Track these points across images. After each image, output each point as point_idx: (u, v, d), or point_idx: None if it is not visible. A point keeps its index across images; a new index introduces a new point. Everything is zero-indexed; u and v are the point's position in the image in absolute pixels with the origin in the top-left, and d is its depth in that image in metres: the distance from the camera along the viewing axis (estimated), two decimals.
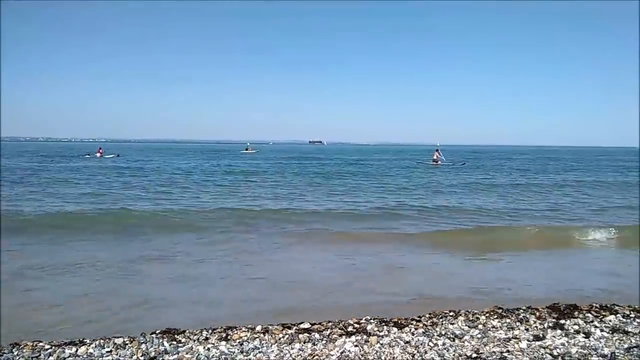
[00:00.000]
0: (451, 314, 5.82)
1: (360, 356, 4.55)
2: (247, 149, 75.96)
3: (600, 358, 4.48)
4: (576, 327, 5.29)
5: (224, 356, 4.57)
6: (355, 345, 4.76)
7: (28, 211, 13.80)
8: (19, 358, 4.49)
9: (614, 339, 4.97)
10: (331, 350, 4.67)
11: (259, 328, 5.28)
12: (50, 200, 16.94)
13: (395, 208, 16.01)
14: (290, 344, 4.84)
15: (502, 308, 6.01)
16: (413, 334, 5.08)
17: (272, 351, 4.67)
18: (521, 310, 5.91)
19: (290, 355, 4.59)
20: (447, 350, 4.67)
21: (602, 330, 5.19)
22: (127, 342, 4.85)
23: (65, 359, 4.52)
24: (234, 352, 4.64)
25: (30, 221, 12.50)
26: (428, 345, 4.80)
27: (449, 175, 31.04)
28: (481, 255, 9.81)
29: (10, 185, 21.27)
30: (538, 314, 5.77)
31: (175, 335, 5.05)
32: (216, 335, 5.04)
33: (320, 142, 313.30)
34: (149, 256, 9.19)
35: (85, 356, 4.57)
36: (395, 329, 5.21)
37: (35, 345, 4.77)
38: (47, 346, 4.78)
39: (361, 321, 5.51)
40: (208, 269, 8.46)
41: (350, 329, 5.24)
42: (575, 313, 5.79)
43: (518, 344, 4.82)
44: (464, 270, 8.83)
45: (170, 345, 4.80)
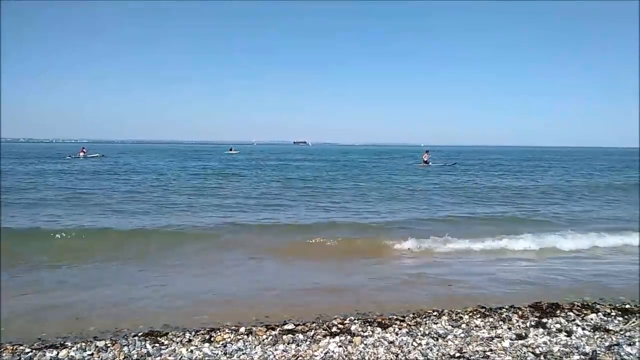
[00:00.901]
0: (435, 313, 5.86)
1: (344, 356, 4.55)
2: (231, 150, 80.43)
3: (582, 356, 4.52)
4: (558, 326, 5.34)
5: (207, 358, 4.55)
6: (339, 346, 4.76)
7: None
8: None
9: (595, 337, 5.03)
10: (315, 351, 4.66)
11: (242, 329, 5.26)
12: None
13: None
14: (274, 345, 4.82)
15: (485, 307, 6.06)
16: (397, 334, 5.09)
17: (256, 352, 4.65)
18: (504, 310, 5.96)
19: (274, 356, 4.58)
20: (431, 350, 4.69)
21: (584, 329, 5.25)
22: (109, 345, 4.80)
23: None
24: (217, 354, 4.61)
25: None
26: (412, 345, 4.82)
27: (433, 175, 31.09)
28: None
29: None
30: (521, 313, 5.83)
31: (158, 338, 5.01)
32: (199, 337, 5.02)
33: (305, 143, 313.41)
34: None
35: (66, 359, 4.52)
36: (379, 329, 5.22)
37: (16, 349, 4.71)
38: (28, 349, 4.72)
39: (345, 321, 5.52)
40: None
41: (334, 329, 5.24)
42: (558, 312, 5.85)
43: (501, 343, 4.85)
44: None
45: (152, 347, 4.76)
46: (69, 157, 50.61)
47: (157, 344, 4.84)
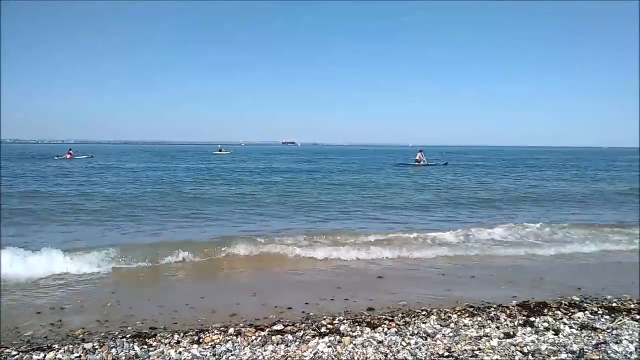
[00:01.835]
0: (423, 313, 5.88)
1: (333, 357, 4.55)
2: (220, 150, 79.15)
3: (569, 355, 4.55)
4: (546, 325, 5.37)
5: (195, 359, 4.53)
6: (329, 346, 4.76)
7: None
8: None
9: (583, 335, 5.06)
10: (304, 351, 4.66)
11: (231, 330, 5.25)
12: None
13: None
14: (263, 345, 4.81)
15: (474, 306, 6.08)
16: (386, 334, 5.10)
17: (245, 353, 4.63)
18: (492, 309, 6.00)
19: (263, 357, 4.57)
20: (420, 349, 4.70)
21: (571, 327, 5.29)
22: (97, 347, 4.77)
23: None
24: (206, 355, 4.60)
25: None
26: (401, 344, 4.83)
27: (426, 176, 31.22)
28: None
29: None
30: (508, 311, 5.86)
31: (146, 339, 4.99)
32: (188, 339, 5.00)
33: (293, 143, 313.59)
34: None
35: None
36: (368, 329, 5.23)
37: (1, 352, 4.66)
38: (14, 352, 4.68)
39: (334, 322, 5.52)
40: None
41: (323, 329, 5.25)
42: (545, 310, 5.90)
43: (489, 341, 4.87)
44: None
45: (141, 349, 4.74)
46: (56, 158, 50.12)
47: (145, 346, 4.82)
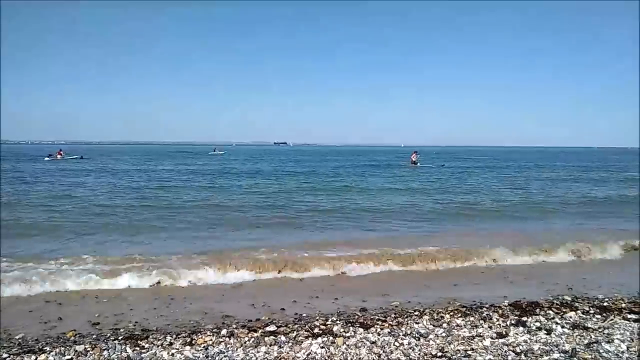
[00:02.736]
0: (416, 313, 5.89)
1: (326, 357, 4.55)
2: (215, 151, 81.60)
3: (562, 354, 4.57)
4: (538, 324, 5.39)
5: None
6: (322, 347, 4.76)
7: None
8: None
9: (575, 335, 5.09)
10: (297, 352, 4.65)
11: (224, 332, 5.24)
12: None
13: None
14: (256, 347, 4.80)
15: (466, 307, 6.10)
16: (379, 334, 5.10)
17: (238, 355, 4.62)
18: (484, 309, 6.02)
19: (257, 358, 4.56)
20: (413, 350, 4.70)
21: (563, 327, 5.31)
22: (89, 349, 4.75)
23: None
24: (198, 357, 4.58)
25: None
26: (394, 345, 4.83)
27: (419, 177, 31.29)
28: None
29: None
30: (501, 311, 5.88)
31: (139, 341, 4.97)
32: (180, 340, 4.98)
33: (285, 144, 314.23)
34: None
35: None
36: (361, 330, 5.23)
37: None
38: (5, 355, 4.65)
39: (327, 322, 5.52)
40: None
41: (316, 330, 5.24)
42: (537, 310, 5.93)
43: (482, 341, 4.88)
44: None
45: (133, 351, 4.72)
46: (47, 159, 49.88)
47: (138, 348, 4.80)
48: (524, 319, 5.58)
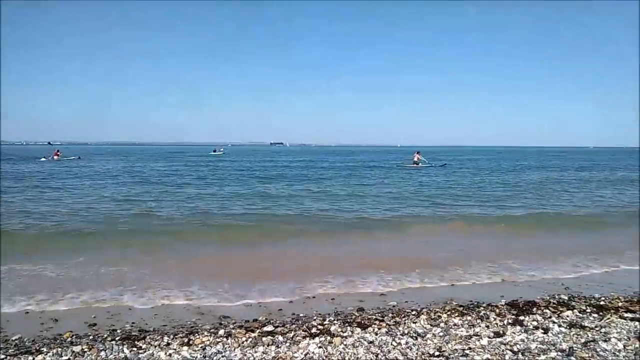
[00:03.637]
0: (413, 312, 5.90)
1: (324, 357, 4.55)
2: (215, 151, 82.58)
3: (559, 353, 4.58)
4: (535, 323, 5.40)
5: None
6: (319, 347, 4.75)
7: None
8: None
9: (572, 333, 5.10)
10: (295, 352, 4.65)
11: (221, 332, 5.23)
12: None
13: None
14: (253, 347, 4.80)
15: (463, 306, 6.11)
16: (376, 334, 5.10)
17: (236, 355, 4.62)
18: (481, 308, 6.04)
19: (254, 358, 4.56)
20: (410, 349, 4.71)
21: (560, 326, 5.32)
22: (86, 350, 4.73)
23: None
24: (196, 357, 4.57)
25: None
26: (391, 344, 4.83)
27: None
28: None
29: None
30: (498, 311, 5.90)
31: (136, 342, 4.96)
32: (178, 341, 4.97)
33: (282, 144, 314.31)
34: None
35: None
36: (358, 329, 5.23)
37: None
38: (2, 356, 4.64)
39: (325, 322, 5.52)
40: None
41: (314, 330, 5.24)
42: (534, 309, 5.94)
43: (479, 341, 4.89)
44: None
45: (130, 352, 4.70)
46: (43, 159, 50.07)
47: (135, 348, 4.79)
48: (521, 318, 5.59)
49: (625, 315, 5.69)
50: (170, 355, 4.61)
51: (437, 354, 4.59)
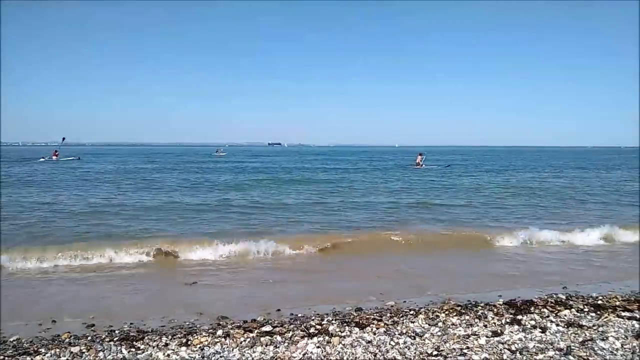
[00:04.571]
0: (411, 312, 5.91)
1: (322, 357, 4.55)
2: (217, 152, 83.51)
3: (557, 352, 4.59)
4: (533, 323, 5.42)
5: None
6: (318, 347, 4.76)
7: None
8: None
9: (569, 332, 5.11)
10: (293, 352, 4.65)
11: (220, 332, 5.23)
12: None
13: None
14: (252, 347, 4.80)
15: (461, 305, 6.12)
16: (375, 334, 5.11)
17: (234, 355, 4.62)
18: (479, 307, 6.05)
19: (252, 358, 4.56)
20: (409, 349, 4.71)
21: (558, 325, 5.34)
22: (84, 351, 4.73)
23: None
24: (194, 358, 4.57)
25: None
26: (389, 344, 4.84)
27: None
28: None
29: None
30: (496, 310, 5.91)
31: (134, 342, 4.96)
32: (176, 341, 4.97)
33: (280, 144, 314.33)
34: None
35: None
36: (357, 329, 5.24)
37: None
38: (0, 357, 4.63)
39: (323, 322, 5.53)
40: None
41: (312, 330, 5.25)
42: (532, 308, 5.95)
43: (477, 340, 4.90)
44: None
45: (129, 352, 4.70)
46: (42, 159, 50.08)
47: (133, 349, 4.79)
48: (519, 317, 5.61)
49: (623, 314, 5.71)
50: (168, 355, 4.61)
51: (435, 353, 4.60)
